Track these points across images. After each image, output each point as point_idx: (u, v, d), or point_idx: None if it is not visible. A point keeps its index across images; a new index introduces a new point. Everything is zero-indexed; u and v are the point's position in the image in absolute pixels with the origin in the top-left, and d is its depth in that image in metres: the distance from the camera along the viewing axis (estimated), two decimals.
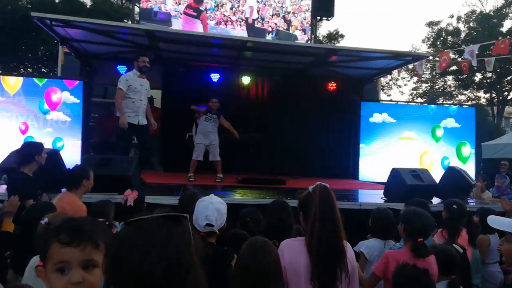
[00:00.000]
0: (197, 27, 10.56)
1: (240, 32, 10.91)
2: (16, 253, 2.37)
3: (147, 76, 5.51)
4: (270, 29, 11.26)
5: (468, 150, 9.00)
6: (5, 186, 4.18)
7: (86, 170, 3.37)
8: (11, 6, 15.24)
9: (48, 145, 6.49)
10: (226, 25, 10.87)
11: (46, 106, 7.37)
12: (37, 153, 3.64)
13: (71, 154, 6.86)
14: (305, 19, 11.48)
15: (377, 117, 8.82)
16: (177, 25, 10.45)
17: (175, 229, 0.92)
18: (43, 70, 17.50)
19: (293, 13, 11.40)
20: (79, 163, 5.38)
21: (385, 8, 62.33)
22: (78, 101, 7.42)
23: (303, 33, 11.44)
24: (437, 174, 6.04)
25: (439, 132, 8.96)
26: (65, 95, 7.41)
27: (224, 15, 10.89)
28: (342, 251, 1.95)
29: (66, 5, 15.23)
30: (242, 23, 11.03)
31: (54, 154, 4.48)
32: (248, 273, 1.70)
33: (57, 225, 1.15)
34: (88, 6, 16.64)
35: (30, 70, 17.51)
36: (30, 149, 3.70)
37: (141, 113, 5.29)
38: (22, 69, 17.45)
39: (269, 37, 11.14)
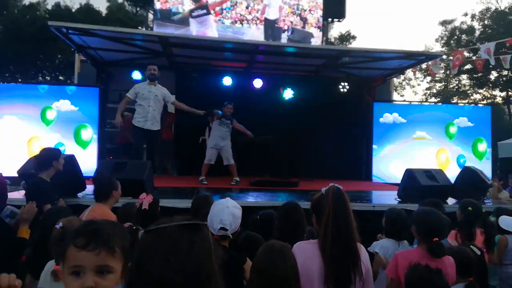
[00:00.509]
0: (211, 23, 10.63)
1: (255, 31, 10.94)
2: (34, 258, 2.40)
3: (162, 82, 5.70)
4: (286, 27, 11.28)
5: (484, 146, 8.80)
6: (23, 192, 4.30)
7: (114, 181, 3.40)
8: (30, 16, 15.67)
9: None
10: (242, 24, 10.93)
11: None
12: (55, 158, 3.71)
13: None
14: (322, 17, 11.46)
15: (389, 118, 8.74)
16: (194, 24, 10.56)
17: (196, 237, 0.93)
18: (60, 78, 17.92)
19: (310, 10, 11.40)
20: (95, 167, 5.50)
21: (398, 8, 61.74)
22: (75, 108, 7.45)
23: (318, 30, 11.40)
24: (453, 172, 5.95)
25: (453, 130, 8.78)
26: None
27: (240, 14, 10.95)
28: (356, 254, 1.93)
29: (82, 13, 15.59)
30: (258, 21, 11.07)
31: (70, 160, 4.57)
32: (266, 277, 1.68)
33: (77, 228, 1.15)
34: (103, 15, 16.99)
35: (48, 78, 17.94)
36: (48, 154, 3.77)
37: (150, 119, 5.44)
38: (40, 78, 17.89)
39: (284, 35, 11.14)
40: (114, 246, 1.10)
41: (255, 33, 10.93)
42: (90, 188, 4.67)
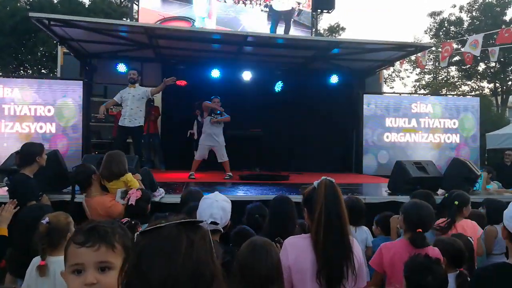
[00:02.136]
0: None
1: (259, 13, 10.64)
2: (13, 256, 2.35)
3: (148, 74, 6.53)
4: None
5: (471, 123, 8.81)
6: (6, 188, 4.17)
7: (89, 167, 3.57)
8: (10, 8, 15.22)
9: None
10: (244, 3, 10.65)
11: None
12: (38, 154, 3.64)
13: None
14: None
15: (379, 110, 8.72)
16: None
17: (195, 236, 0.87)
18: (43, 71, 17.50)
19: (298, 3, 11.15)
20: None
21: (387, 0, 61.80)
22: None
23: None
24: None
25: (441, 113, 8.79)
26: None
27: None
28: (349, 248, 1.91)
29: (64, 4, 15.19)
30: (262, 1, 10.77)
31: (54, 155, 4.45)
32: (248, 273, 1.67)
33: (77, 227, 1.17)
34: (86, 6, 16.59)
35: (30, 72, 17.51)
36: (30, 150, 3.69)
37: (127, 116, 6.05)
38: (22, 71, 17.45)
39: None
40: (113, 241, 1.10)
41: (259, 15, 10.61)
42: None
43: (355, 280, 1.90)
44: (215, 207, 2.15)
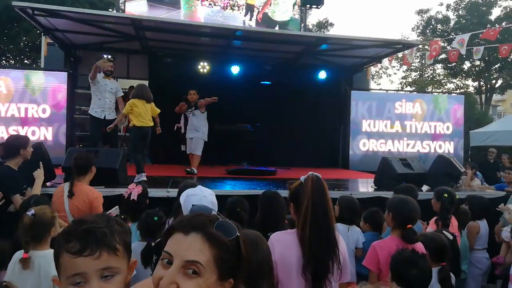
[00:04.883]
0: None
1: (247, 17, 10.57)
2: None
3: (134, 67, 5.83)
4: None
5: (445, 100, 9.09)
6: None
7: (92, 157, 3.60)
8: None
9: None
10: (232, 9, 10.56)
11: None
12: (22, 146, 3.57)
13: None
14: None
15: (367, 106, 8.79)
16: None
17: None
18: (25, 61, 17.07)
19: None
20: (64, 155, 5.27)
21: None
22: None
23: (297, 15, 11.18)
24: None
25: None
26: None
27: None
28: (334, 243, 1.92)
29: None
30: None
31: (39, 147, 4.37)
32: None
33: (66, 231, 0.98)
34: None
35: (12, 62, 17.05)
36: (15, 142, 3.62)
37: (107, 109, 6.01)
38: (4, 61, 16.98)
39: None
40: (114, 244, 0.95)
41: (246, 19, 10.57)
42: (60, 177, 4.50)
43: (340, 274, 1.92)
44: (205, 202, 2.09)
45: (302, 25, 11.49)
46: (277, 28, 10.44)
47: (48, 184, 4.36)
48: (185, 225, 0.90)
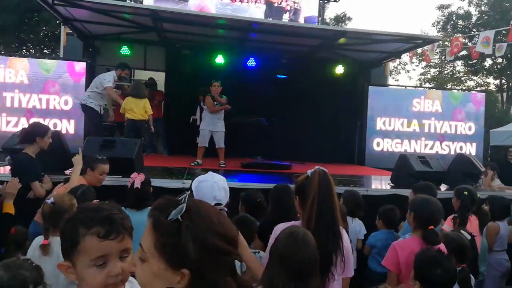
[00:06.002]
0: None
1: (255, 10, 10.52)
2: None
3: (151, 58, 6.60)
4: (288, 7, 10.91)
5: (459, 93, 8.87)
6: (8, 167, 4.15)
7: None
8: None
9: None
10: (241, 2, 10.51)
11: None
12: (39, 135, 3.59)
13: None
14: None
15: (383, 103, 8.64)
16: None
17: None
18: (45, 51, 17.33)
19: None
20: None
21: None
22: None
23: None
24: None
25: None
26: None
27: None
28: (338, 236, 1.95)
29: None
30: (259, 0, 10.63)
31: (57, 136, 4.42)
32: (290, 264, 1.63)
33: (84, 218, 1.06)
34: None
35: (33, 51, 17.35)
36: (33, 130, 3.67)
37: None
38: (24, 51, 17.28)
39: (286, 16, 10.78)
40: (129, 227, 1.09)
41: (255, 12, 10.54)
42: None
43: (343, 268, 1.94)
44: (217, 188, 2.09)
45: (320, 18, 11.34)
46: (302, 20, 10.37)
47: (66, 172, 4.43)
48: (150, 210, 0.95)
